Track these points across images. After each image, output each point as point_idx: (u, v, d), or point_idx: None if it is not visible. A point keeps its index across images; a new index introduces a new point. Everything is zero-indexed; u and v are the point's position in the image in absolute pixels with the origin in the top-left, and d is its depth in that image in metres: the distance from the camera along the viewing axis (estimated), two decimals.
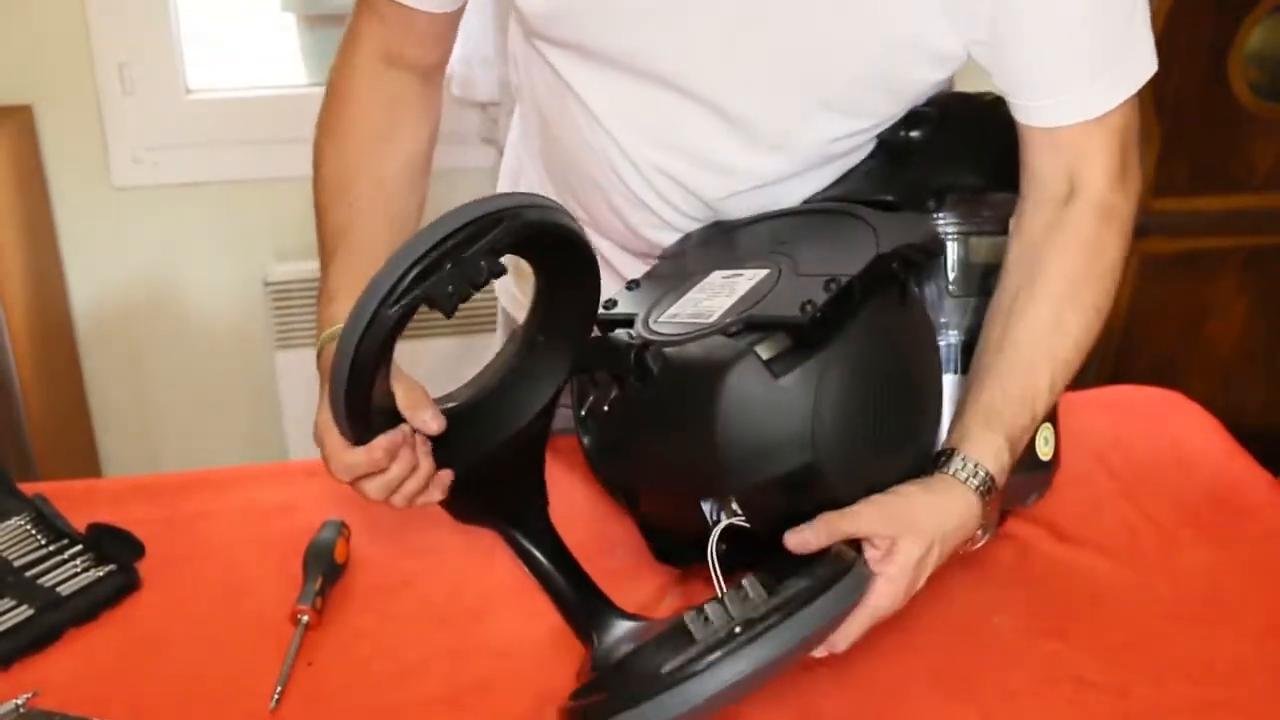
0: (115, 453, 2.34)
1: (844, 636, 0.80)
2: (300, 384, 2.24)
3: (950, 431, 0.90)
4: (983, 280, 0.97)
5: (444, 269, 0.73)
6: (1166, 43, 2.05)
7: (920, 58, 0.92)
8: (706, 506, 0.86)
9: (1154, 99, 2.12)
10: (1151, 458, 1.12)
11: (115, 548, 0.97)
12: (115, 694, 0.85)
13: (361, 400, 0.77)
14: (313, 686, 0.85)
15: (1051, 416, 0.97)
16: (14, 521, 1.00)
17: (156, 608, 0.94)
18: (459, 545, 1.00)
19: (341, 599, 0.94)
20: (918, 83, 0.95)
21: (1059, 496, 1.03)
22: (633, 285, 0.98)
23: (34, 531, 0.99)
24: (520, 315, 1.25)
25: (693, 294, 0.91)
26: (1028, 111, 0.94)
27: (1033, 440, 0.94)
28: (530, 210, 0.77)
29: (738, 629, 0.72)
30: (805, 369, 0.81)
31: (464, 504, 0.87)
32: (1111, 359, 2.18)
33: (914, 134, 1.00)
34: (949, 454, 0.86)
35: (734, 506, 0.84)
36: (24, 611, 0.90)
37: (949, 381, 0.95)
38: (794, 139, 0.98)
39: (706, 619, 0.74)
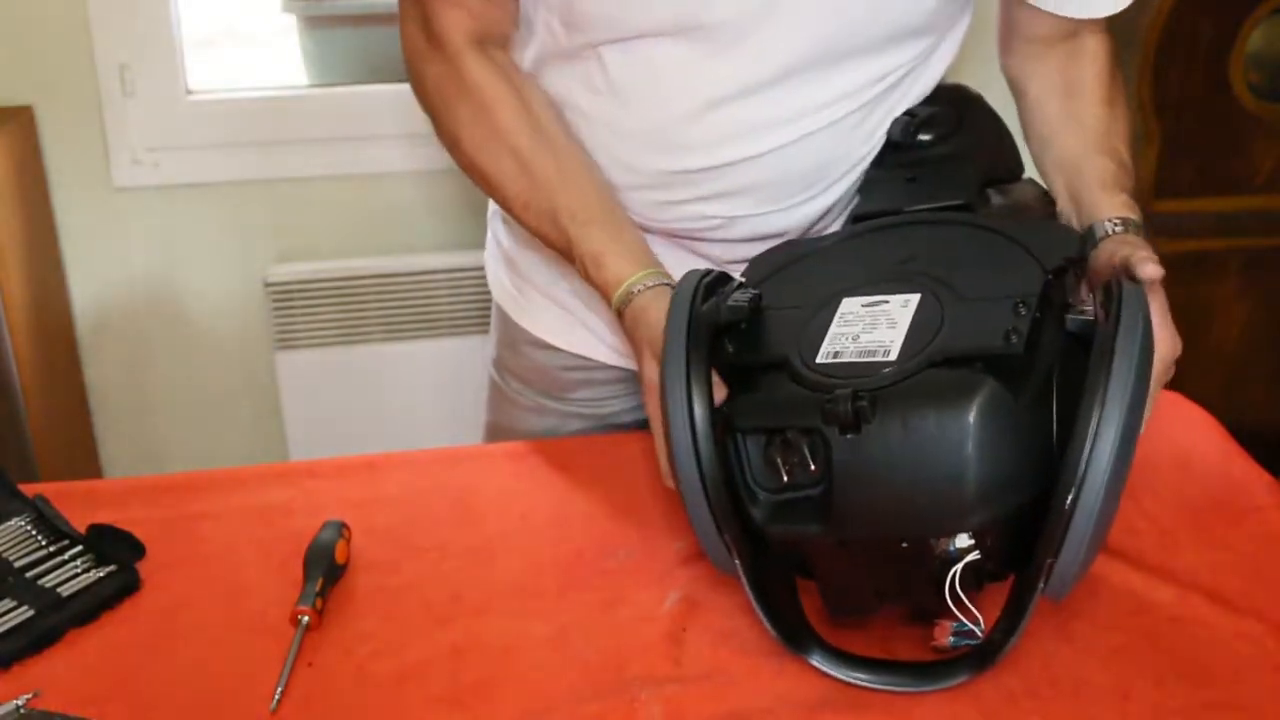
0: (115, 453, 2.34)
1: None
2: (300, 384, 2.24)
3: (1077, 214, 1.00)
4: None
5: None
6: (1167, 44, 2.07)
7: None
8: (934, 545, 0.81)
9: (1154, 100, 2.12)
10: (1151, 458, 1.12)
11: (116, 548, 0.97)
12: (115, 694, 0.85)
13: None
14: (313, 687, 0.85)
15: None
16: (15, 522, 1.00)
17: (157, 608, 0.94)
18: (459, 545, 1.01)
19: (342, 600, 0.94)
20: (934, 13, 1.01)
21: None
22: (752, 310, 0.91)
23: (35, 532, 0.99)
24: (509, 306, 1.25)
25: (839, 328, 0.86)
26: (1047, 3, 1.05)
27: None
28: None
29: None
30: (1036, 392, 0.79)
31: None
32: None
33: (932, 136, 1.04)
34: (1092, 227, 0.94)
35: (960, 540, 0.80)
36: (25, 612, 0.90)
37: None
38: (830, 84, 1.00)
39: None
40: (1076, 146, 1.05)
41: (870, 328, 0.85)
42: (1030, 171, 1.11)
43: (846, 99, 1.02)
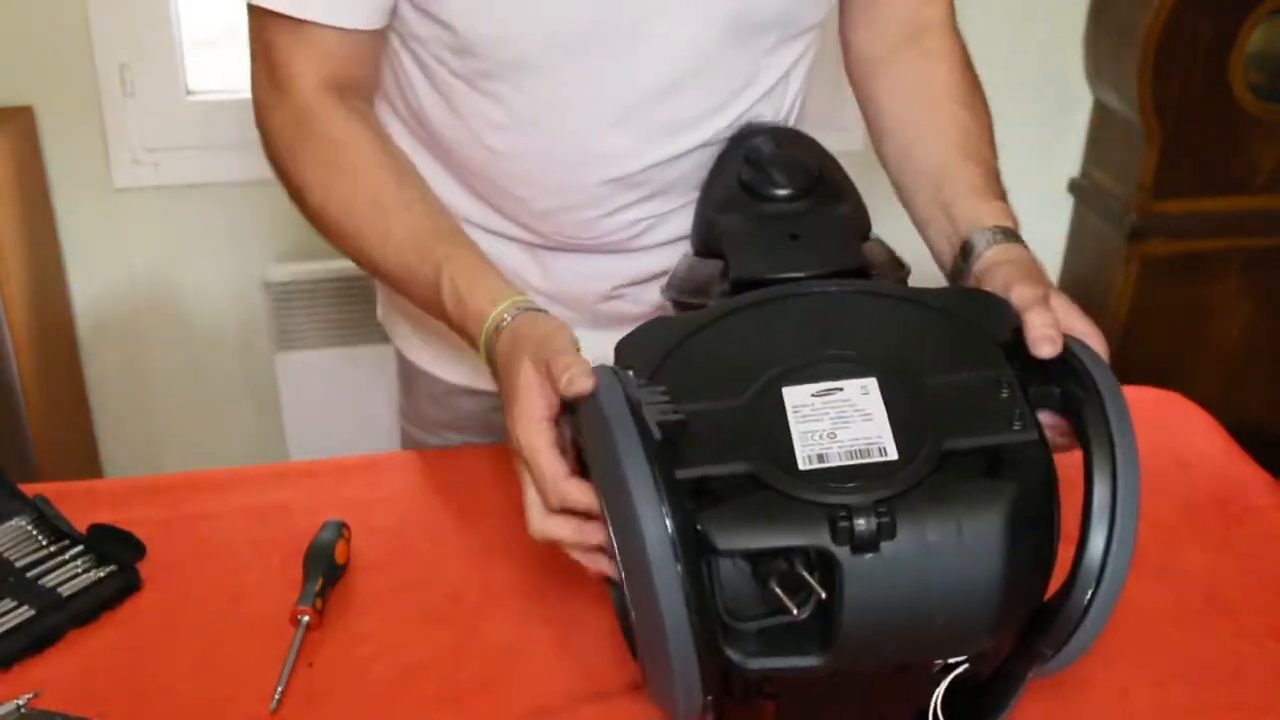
0: (115, 453, 2.34)
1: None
2: (300, 384, 2.24)
3: (950, 222, 0.95)
4: None
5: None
6: (1167, 44, 2.07)
7: None
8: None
9: (1155, 101, 2.12)
10: (1152, 459, 1.11)
11: (116, 548, 0.97)
12: (116, 694, 0.85)
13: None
14: (313, 687, 0.85)
15: None
16: (15, 522, 1.00)
17: (157, 608, 0.94)
18: (459, 546, 1.01)
19: (342, 600, 0.94)
20: None
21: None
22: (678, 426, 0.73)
23: (35, 532, 0.99)
24: (414, 353, 1.20)
25: (802, 424, 0.72)
26: None
27: None
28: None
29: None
30: (1049, 481, 0.73)
31: None
32: (1112, 360, 2.19)
33: (795, 189, 0.91)
34: (973, 238, 0.91)
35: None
36: (25, 612, 0.90)
37: None
38: (738, 70, 0.99)
39: None
40: (940, 153, 1.00)
41: (842, 422, 0.72)
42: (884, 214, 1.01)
43: (756, 84, 1.00)
